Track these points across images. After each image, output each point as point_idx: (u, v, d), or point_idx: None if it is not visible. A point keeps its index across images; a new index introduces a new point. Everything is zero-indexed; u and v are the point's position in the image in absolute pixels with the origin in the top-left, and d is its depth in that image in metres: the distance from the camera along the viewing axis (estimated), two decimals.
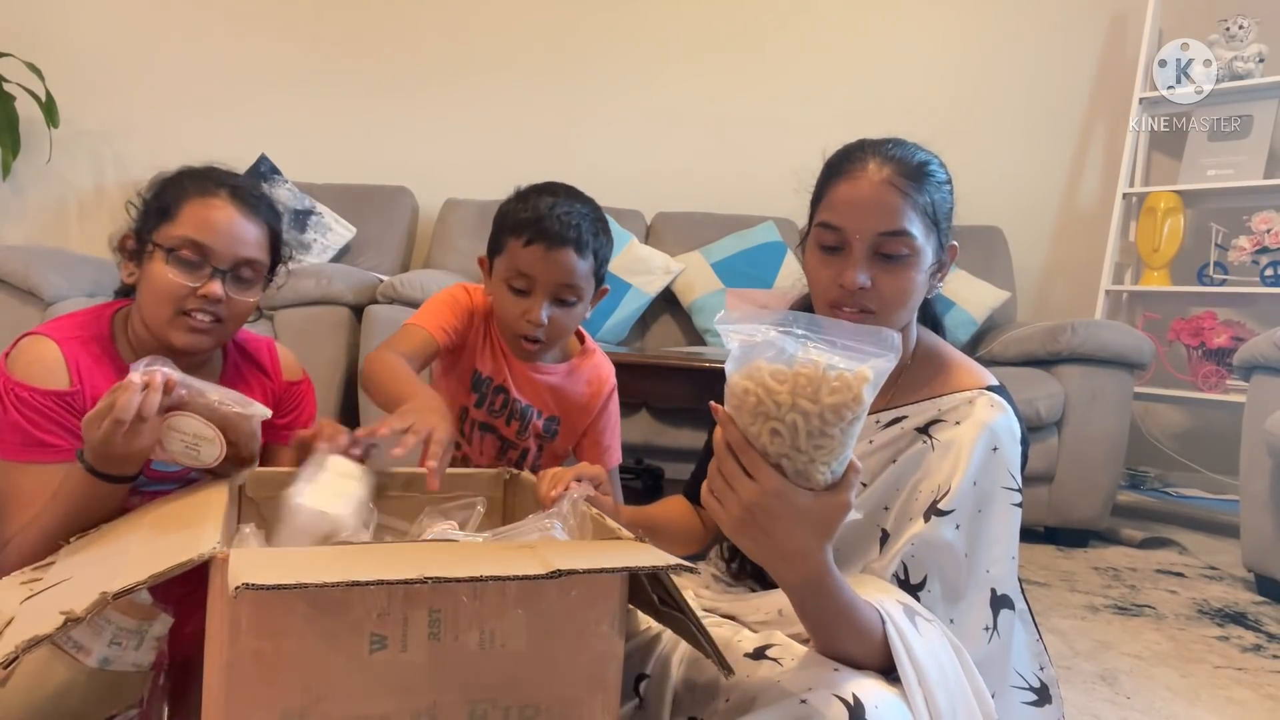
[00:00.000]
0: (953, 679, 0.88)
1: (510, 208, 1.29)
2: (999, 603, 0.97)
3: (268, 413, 1.05)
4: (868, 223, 1.00)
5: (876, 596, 0.90)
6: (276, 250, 1.25)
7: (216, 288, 1.15)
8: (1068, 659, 1.68)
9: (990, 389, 1.04)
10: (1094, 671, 1.62)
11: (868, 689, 0.84)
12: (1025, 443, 1.04)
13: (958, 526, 0.97)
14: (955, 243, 1.07)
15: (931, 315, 1.17)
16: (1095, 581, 2.23)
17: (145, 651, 0.83)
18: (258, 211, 1.20)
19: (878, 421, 1.09)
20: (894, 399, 1.09)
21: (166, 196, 1.17)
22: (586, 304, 1.31)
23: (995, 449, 0.99)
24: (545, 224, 1.23)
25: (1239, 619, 1.99)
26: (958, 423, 1.01)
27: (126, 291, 1.24)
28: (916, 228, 1.00)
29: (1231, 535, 2.60)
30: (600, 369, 1.43)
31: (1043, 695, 1.01)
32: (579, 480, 1.04)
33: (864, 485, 1.07)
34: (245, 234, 1.18)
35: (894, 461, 1.04)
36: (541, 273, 1.24)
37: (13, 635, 0.73)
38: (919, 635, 0.88)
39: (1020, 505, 1.00)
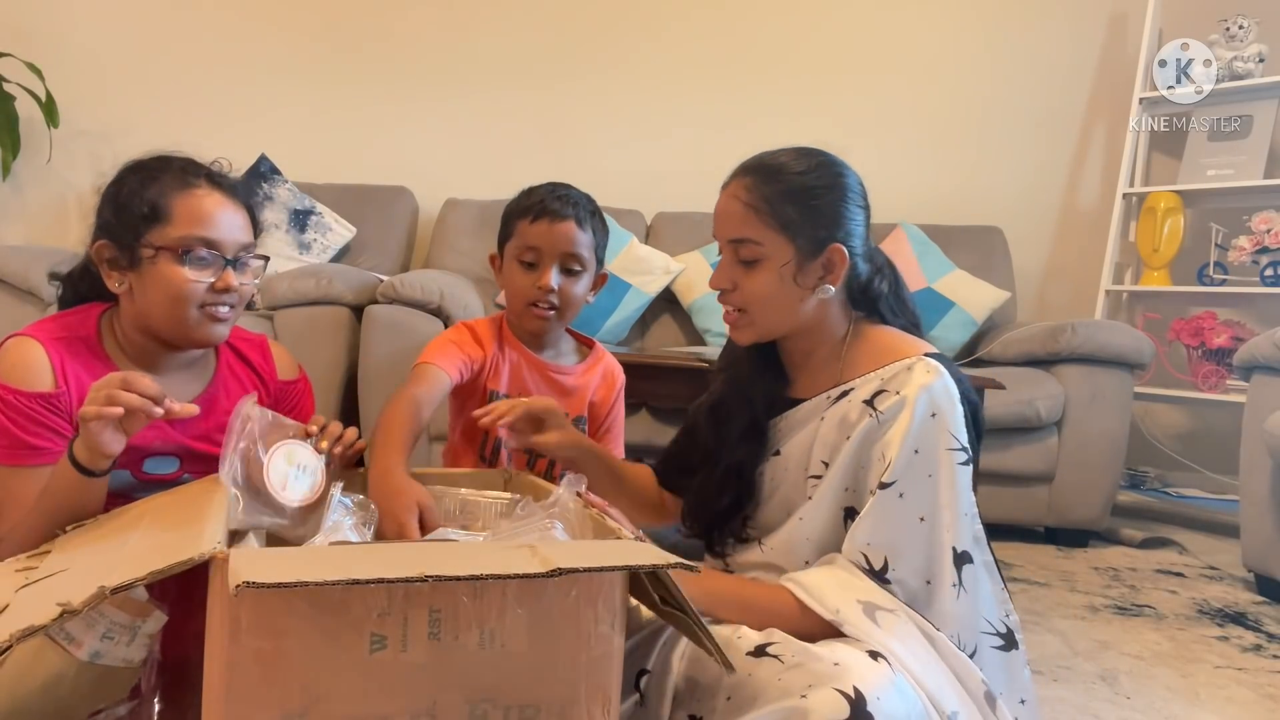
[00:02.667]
0: (926, 659, 0.94)
1: (516, 201, 1.45)
2: (959, 560, 1.02)
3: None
4: (721, 232, 1.15)
5: (834, 603, 0.97)
6: (255, 228, 1.25)
7: (231, 278, 1.16)
8: (1068, 659, 1.68)
9: (929, 355, 1.08)
10: (1094, 671, 1.62)
11: (869, 680, 0.85)
12: (971, 401, 1.07)
13: (901, 495, 1.01)
14: (840, 245, 1.10)
15: (878, 310, 1.18)
16: (1095, 581, 2.23)
17: (136, 648, 0.83)
18: (238, 194, 1.21)
19: (828, 397, 1.13)
20: (841, 375, 1.13)
21: (149, 196, 1.14)
22: (590, 278, 1.44)
23: (934, 414, 1.03)
24: (548, 202, 1.40)
25: (1239, 619, 1.99)
26: (898, 392, 1.05)
27: (99, 293, 1.20)
28: (762, 234, 1.09)
29: (1231, 535, 2.59)
30: (613, 365, 1.55)
31: (1009, 640, 1.05)
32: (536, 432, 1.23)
33: (825, 465, 1.10)
34: (239, 219, 1.19)
35: (848, 439, 1.08)
36: (548, 244, 1.39)
37: (6, 623, 0.73)
38: (878, 629, 0.94)
39: (969, 463, 1.04)
